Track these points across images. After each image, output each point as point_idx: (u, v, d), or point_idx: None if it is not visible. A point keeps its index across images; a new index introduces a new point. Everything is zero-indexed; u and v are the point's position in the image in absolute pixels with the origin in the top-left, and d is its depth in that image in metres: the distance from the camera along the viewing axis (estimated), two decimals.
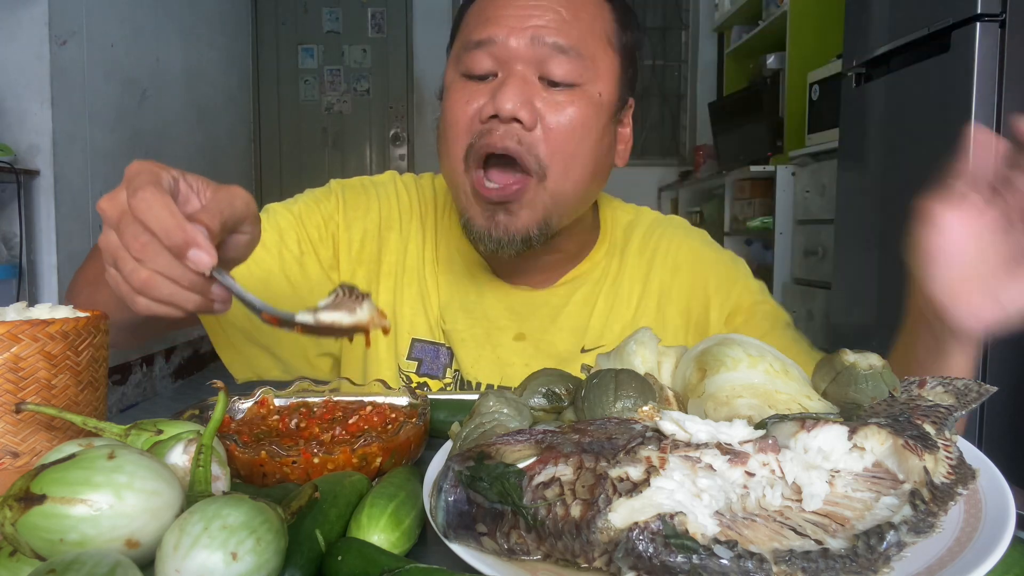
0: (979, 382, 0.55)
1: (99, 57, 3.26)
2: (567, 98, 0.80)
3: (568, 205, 0.84)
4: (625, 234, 1.01)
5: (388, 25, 5.48)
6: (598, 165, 0.85)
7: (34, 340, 0.54)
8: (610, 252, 0.99)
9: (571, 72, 0.80)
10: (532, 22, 0.80)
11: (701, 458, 0.41)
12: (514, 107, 0.78)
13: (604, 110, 0.84)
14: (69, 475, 0.38)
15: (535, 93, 0.80)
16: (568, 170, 0.82)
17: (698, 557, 0.36)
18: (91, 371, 0.59)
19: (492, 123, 0.79)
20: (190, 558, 0.35)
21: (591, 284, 0.97)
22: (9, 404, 0.54)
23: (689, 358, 0.59)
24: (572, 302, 0.96)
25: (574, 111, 0.81)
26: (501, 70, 0.81)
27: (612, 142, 0.88)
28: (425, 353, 0.95)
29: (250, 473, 0.56)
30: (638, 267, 0.99)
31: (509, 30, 0.80)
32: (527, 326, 0.95)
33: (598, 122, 0.83)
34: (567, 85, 0.80)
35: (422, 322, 0.95)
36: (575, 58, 0.80)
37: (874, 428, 0.45)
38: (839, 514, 0.41)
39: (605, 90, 0.83)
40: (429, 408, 0.64)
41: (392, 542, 0.45)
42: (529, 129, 0.79)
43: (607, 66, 0.84)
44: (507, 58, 0.80)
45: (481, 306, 0.95)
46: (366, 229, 0.97)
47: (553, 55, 0.79)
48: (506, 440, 0.45)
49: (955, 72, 1.98)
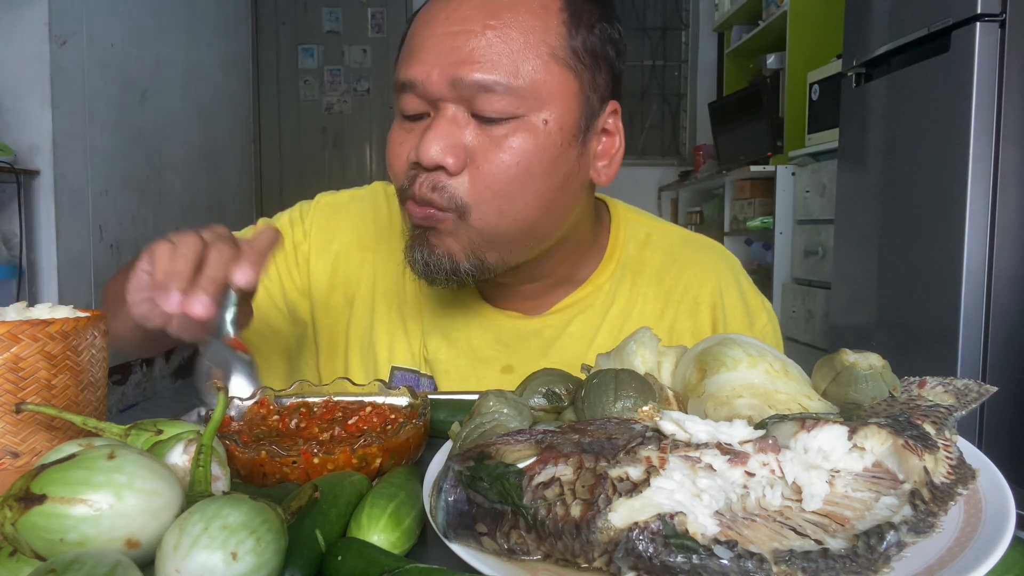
0: (979, 382, 0.55)
1: (99, 57, 3.26)
2: (504, 131, 0.72)
3: (509, 243, 0.76)
4: (638, 254, 0.90)
5: (388, 25, 5.48)
6: (551, 198, 0.75)
7: (34, 340, 0.54)
8: (617, 275, 0.89)
9: (504, 107, 0.71)
10: (451, 57, 0.71)
11: (701, 458, 0.41)
12: (436, 155, 0.71)
13: (553, 137, 0.73)
14: (69, 475, 0.38)
15: (464, 133, 0.72)
16: (501, 208, 0.73)
17: (698, 557, 0.36)
18: (91, 371, 0.59)
19: (417, 170, 0.73)
20: (190, 558, 0.35)
21: (591, 312, 0.87)
22: (9, 404, 0.54)
23: (689, 358, 0.59)
24: (567, 333, 0.87)
25: (509, 144, 0.72)
26: (431, 110, 0.73)
27: (575, 166, 0.76)
28: (405, 382, 0.87)
29: (250, 473, 0.56)
30: (653, 299, 0.88)
31: (428, 70, 0.71)
32: (516, 358, 0.87)
33: (545, 153, 0.73)
34: (502, 120, 0.72)
35: (403, 349, 0.89)
36: (505, 92, 0.70)
37: (874, 428, 0.45)
38: (839, 514, 0.41)
39: (554, 114, 0.73)
40: (429, 408, 0.64)
41: (392, 542, 0.45)
42: (454, 174, 0.72)
43: (553, 87, 0.72)
44: (433, 98, 0.72)
45: (466, 335, 0.87)
46: (336, 252, 0.92)
47: (479, 94, 0.70)
48: (506, 440, 0.45)
49: (955, 72, 1.99)
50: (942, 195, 2.05)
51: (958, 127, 1.97)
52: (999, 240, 1.95)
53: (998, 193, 1.94)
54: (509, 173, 0.72)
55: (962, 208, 1.97)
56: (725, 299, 0.89)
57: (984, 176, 1.94)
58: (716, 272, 0.90)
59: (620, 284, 0.89)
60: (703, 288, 0.89)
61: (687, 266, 0.90)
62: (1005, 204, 1.94)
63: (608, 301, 0.88)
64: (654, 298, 0.89)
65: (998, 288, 1.96)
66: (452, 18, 0.72)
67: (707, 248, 0.94)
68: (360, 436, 0.57)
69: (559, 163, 0.74)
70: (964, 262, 1.97)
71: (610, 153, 0.80)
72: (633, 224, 0.92)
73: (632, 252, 0.90)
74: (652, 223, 0.94)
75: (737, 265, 0.94)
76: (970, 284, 1.98)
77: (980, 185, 1.95)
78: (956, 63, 1.98)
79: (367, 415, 0.64)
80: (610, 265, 0.89)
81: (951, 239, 2.01)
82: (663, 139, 5.57)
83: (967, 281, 1.97)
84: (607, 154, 0.80)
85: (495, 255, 0.76)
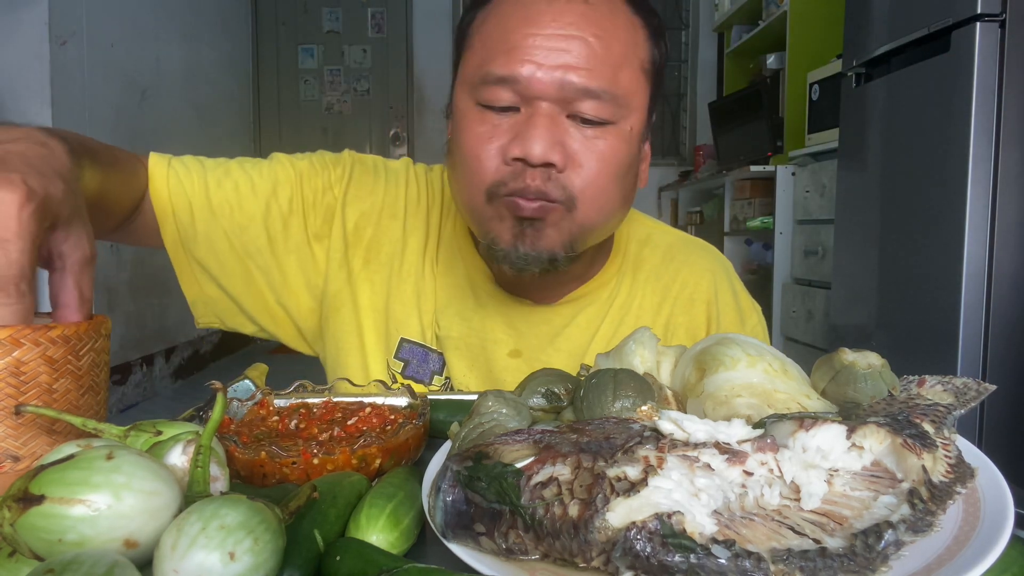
0: (978, 380, 0.55)
1: (99, 57, 3.27)
2: (597, 134, 0.76)
3: (595, 233, 0.81)
4: (638, 251, 0.96)
5: (388, 25, 5.49)
6: (626, 194, 0.82)
7: (36, 344, 0.54)
8: (621, 270, 0.94)
9: (602, 113, 0.75)
10: (560, 59, 0.73)
11: (699, 457, 0.41)
12: (543, 151, 0.73)
13: (634, 142, 0.80)
14: (67, 475, 0.38)
15: (564, 132, 0.75)
16: (598, 204, 0.78)
17: (696, 556, 0.36)
18: (92, 375, 0.59)
19: (517, 166, 0.74)
20: (188, 558, 0.35)
21: (597, 305, 0.92)
22: (10, 408, 0.54)
23: (688, 358, 0.59)
24: (575, 323, 0.91)
25: (606, 148, 0.76)
26: (524, 106, 0.75)
27: (637, 168, 0.84)
28: (413, 355, 0.91)
29: (250, 474, 0.56)
30: (651, 294, 0.94)
31: (535, 67, 0.73)
32: (524, 343, 0.91)
33: (628, 156, 0.79)
34: (598, 123, 0.75)
35: (414, 322, 0.91)
36: (607, 100, 0.75)
37: (873, 427, 0.45)
38: (837, 513, 0.41)
39: (637, 123, 0.79)
40: (428, 409, 0.64)
41: (390, 542, 0.45)
42: (560, 171, 0.75)
43: (640, 97, 0.79)
44: (532, 96, 0.74)
45: (479, 316, 0.91)
46: (363, 211, 0.92)
47: (582, 98, 0.74)
48: (504, 440, 0.45)
49: (955, 72, 1.99)
50: (942, 195, 2.05)
51: (958, 127, 1.97)
52: (999, 240, 1.95)
53: (998, 193, 1.94)
54: (607, 173, 0.77)
55: (962, 208, 1.97)
56: (719, 298, 0.95)
57: (984, 176, 1.94)
58: (712, 272, 0.96)
59: (623, 279, 0.94)
60: (699, 286, 0.94)
61: (684, 264, 0.95)
62: (1005, 204, 1.94)
63: (612, 295, 0.93)
64: (652, 293, 0.94)
65: (998, 288, 1.96)
66: (560, 22, 0.74)
67: (703, 249, 0.99)
68: (360, 437, 0.57)
69: (633, 165, 0.81)
70: (964, 262, 1.97)
71: (646, 158, 0.87)
72: (635, 224, 0.98)
73: (633, 250, 0.96)
74: (652, 224, 1.00)
75: (730, 268, 0.99)
76: (970, 284, 1.98)
77: (980, 185, 1.95)
78: (956, 63, 1.98)
79: (366, 416, 0.64)
80: (616, 261, 0.94)
81: (951, 239, 2.01)
82: (663, 139, 5.57)
83: (967, 281, 1.97)
84: (646, 158, 0.87)
85: (582, 244, 0.81)
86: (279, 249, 0.90)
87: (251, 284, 0.91)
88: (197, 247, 0.88)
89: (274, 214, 0.89)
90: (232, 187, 0.88)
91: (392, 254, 0.93)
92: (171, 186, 0.86)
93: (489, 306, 0.91)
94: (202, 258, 0.88)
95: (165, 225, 0.87)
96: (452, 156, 0.83)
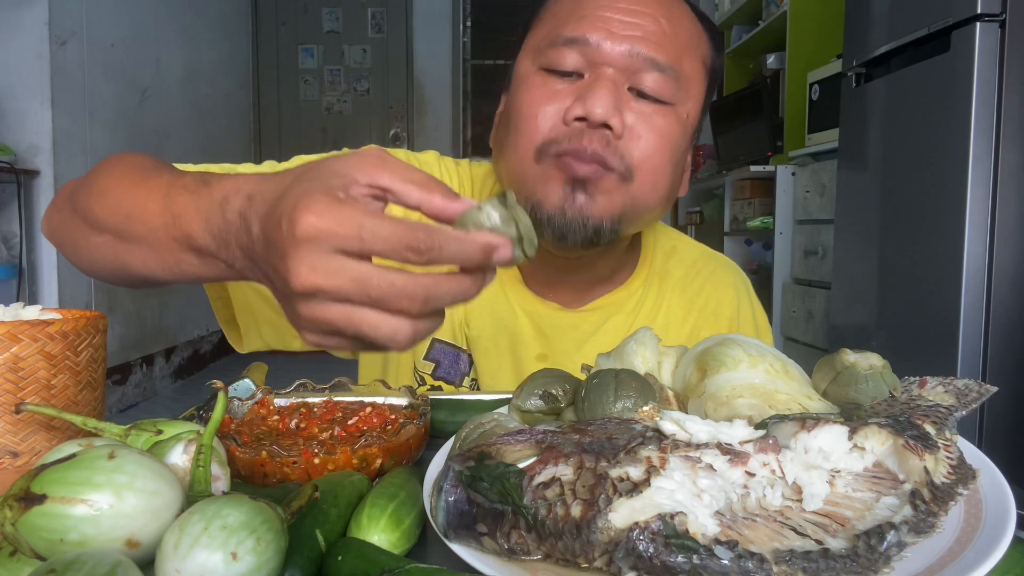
0: (979, 382, 0.55)
1: (99, 57, 3.26)
2: (656, 111, 0.76)
3: (643, 214, 0.80)
4: (664, 263, 0.96)
5: (388, 25, 5.48)
6: (674, 186, 0.81)
7: (34, 340, 0.54)
8: (648, 280, 0.94)
9: (664, 90, 0.75)
10: (632, 30, 0.74)
11: (701, 458, 0.41)
12: (605, 112, 0.72)
13: (688, 133, 0.79)
14: (69, 475, 0.38)
15: (625, 101, 0.75)
16: (654, 181, 0.77)
17: (698, 557, 0.36)
18: (90, 371, 0.59)
19: (578, 125, 0.74)
20: (190, 558, 0.35)
21: (624, 314, 0.92)
22: (9, 404, 0.54)
23: (689, 358, 0.59)
24: (602, 331, 0.91)
25: (664, 126, 0.76)
26: (589, 71, 0.75)
27: (685, 165, 0.83)
28: (445, 356, 0.90)
29: (251, 473, 0.56)
30: (677, 304, 0.94)
31: (607, 33, 0.74)
32: (551, 348, 0.90)
33: (682, 143, 0.79)
34: (657, 101, 0.76)
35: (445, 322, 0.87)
36: (670, 76, 0.75)
37: (874, 428, 0.45)
38: (839, 514, 0.41)
39: (692, 112, 0.79)
40: (429, 409, 0.64)
41: (392, 542, 0.45)
42: (618, 137, 0.74)
43: (698, 88, 0.80)
44: (598, 61, 0.75)
45: (511, 316, 0.89)
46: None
47: (647, 69, 0.74)
48: (506, 440, 0.45)
49: (955, 72, 1.98)
50: (942, 195, 2.05)
51: (958, 127, 1.97)
52: (999, 240, 1.95)
53: (998, 193, 1.93)
54: (664, 151, 0.77)
55: (962, 208, 1.96)
56: (741, 314, 0.96)
57: (984, 176, 1.94)
58: (735, 287, 0.97)
59: (649, 289, 0.94)
60: (723, 301, 0.95)
61: (709, 279, 0.96)
62: (1005, 204, 1.94)
63: (639, 304, 0.93)
64: (678, 305, 0.94)
65: (998, 288, 1.96)
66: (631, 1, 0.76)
67: (726, 265, 1.01)
68: (360, 436, 0.57)
69: (684, 156, 0.81)
70: (964, 262, 1.97)
71: (689, 167, 0.86)
72: (660, 235, 0.98)
73: (660, 261, 0.96)
74: (677, 236, 1.01)
75: (749, 284, 1.01)
76: (970, 284, 1.97)
77: (980, 185, 1.94)
78: (956, 63, 1.98)
79: (367, 415, 0.64)
80: (643, 271, 0.94)
81: (951, 239, 2.01)
82: None
83: (967, 281, 1.97)
84: (688, 167, 0.86)
85: (628, 223, 0.79)
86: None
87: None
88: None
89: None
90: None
91: None
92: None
93: (519, 307, 0.90)
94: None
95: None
96: (503, 127, 0.81)
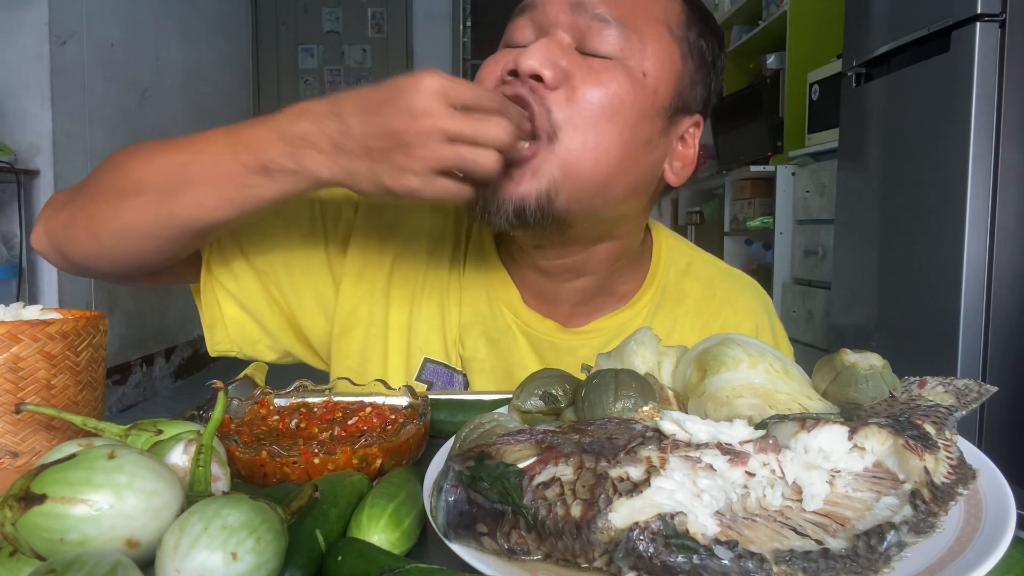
0: (979, 382, 0.55)
1: (99, 57, 3.27)
2: (602, 66, 0.72)
3: (579, 186, 0.71)
4: (678, 281, 0.90)
5: (388, 25, 5.49)
6: (630, 153, 0.74)
7: (34, 340, 0.54)
8: (657, 299, 0.89)
9: (612, 46, 0.72)
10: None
11: (701, 458, 0.41)
12: (536, 64, 0.70)
13: (648, 92, 0.73)
14: (69, 475, 0.38)
15: (565, 55, 0.72)
16: (586, 139, 0.70)
17: (698, 557, 0.36)
18: (90, 371, 0.59)
19: (511, 80, 0.72)
20: (190, 558, 0.35)
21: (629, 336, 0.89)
22: (9, 404, 0.54)
23: (689, 358, 0.59)
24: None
25: (607, 78, 0.71)
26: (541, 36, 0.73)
27: (656, 141, 0.76)
28: (438, 376, 0.86)
29: (251, 473, 0.56)
30: (690, 331, 0.88)
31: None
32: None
33: (636, 101, 0.73)
34: (605, 57, 0.72)
35: (437, 341, 0.86)
36: (617, 30, 0.72)
37: (874, 428, 0.45)
38: (839, 514, 0.41)
39: (652, 71, 0.73)
40: (429, 408, 0.64)
41: (392, 542, 0.45)
42: (551, 88, 0.70)
43: (659, 49, 0.74)
44: (547, 24, 0.73)
45: (506, 338, 0.86)
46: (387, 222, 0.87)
47: (594, 25, 0.72)
48: (506, 440, 0.45)
49: (955, 72, 1.99)
50: (942, 195, 2.05)
51: (958, 127, 1.97)
52: (999, 240, 1.95)
53: (998, 193, 1.94)
54: (601, 102, 0.71)
55: (962, 208, 1.96)
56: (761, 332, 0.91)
57: (984, 176, 1.94)
58: (754, 312, 0.92)
59: (659, 309, 0.89)
60: (740, 327, 0.90)
61: (726, 302, 0.91)
62: (1005, 204, 1.94)
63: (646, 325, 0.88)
64: (690, 329, 0.89)
65: (998, 288, 1.96)
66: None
67: (744, 285, 0.95)
68: (360, 436, 0.57)
69: (644, 122, 0.74)
70: (964, 262, 1.97)
71: (685, 159, 0.81)
72: (674, 250, 0.93)
73: (673, 279, 0.91)
74: (692, 251, 0.95)
75: (771, 305, 0.96)
76: (970, 284, 1.97)
77: (980, 185, 1.94)
78: (956, 63, 1.98)
79: (367, 415, 0.64)
80: (651, 289, 0.89)
81: (951, 239, 2.01)
82: None
83: (967, 281, 1.97)
84: (682, 158, 0.81)
85: (565, 197, 0.71)
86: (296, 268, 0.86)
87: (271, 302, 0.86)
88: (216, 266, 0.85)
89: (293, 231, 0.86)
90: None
91: (416, 267, 0.87)
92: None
93: (515, 328, 0.86)
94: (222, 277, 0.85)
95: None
96: None
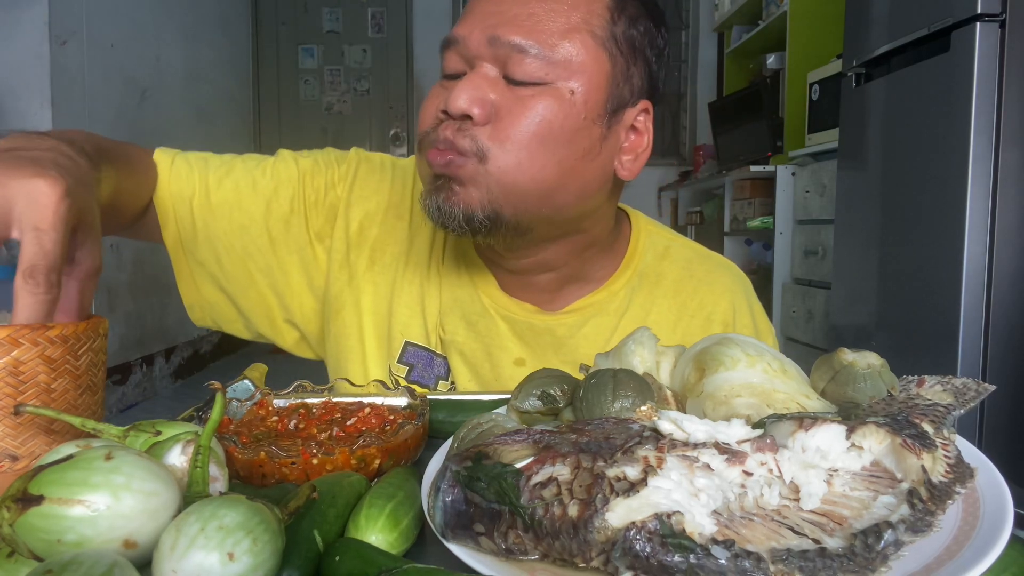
0: (978, 381, 0.55)
1: (99, 57, 3.27)
2: (531, 93, 0.74)
3: (526, 200, 0.75)
4: (656, 264, 0.92)
5: (388, 25, 5.49)
6: (569, 167, 0.76)
7: (34, 344, 0.54)
8: (633, 282, 0.91)
9: (534, 71, 0.73)
10: (492, 19, 0.74)
11: (699, 457, 0.41)
12: (464, 103, 0.72)
13: (578, 108, 0.75)
14: (67, 476, 0.38)
15: (496, 90, 0.74)
16: (519, 161, 0.74)
17: (695, 556, 0.36)
18: (90, 375, 0.59)
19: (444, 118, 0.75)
20: (187, 558, 0.35)
21: (605, 316, 0.89)
22: (9, 408, 0.54)
23: (687, 358, 0.59)
24: (580, 334, 0.88)
25: (535, 104, 0.74)
26: (469, 69, 0.76)
27: (597, 147, 0.78)
28: (418, 359, 0.89)
29: (249, 474, 0.56)
30: (667, 311, 0.91)
31: (470, 27, 0.75)
32: (528, 352, 0.89)
33: (567, 120, 0.75)
34: (531, 84, 0.74)
35: (417, 324, 0.90)
36: (536, 56, 0.73)
37: (872, 427, 0.45)
38: (837, 513, 0.41)
39: (582, 87, 0.75)
40: (428, 409, 0.64)
41: (390, 542, 0.45)
42: (479, 124, 0.74)
43: (586, 62, 0.75)
44: (471, 56, 0.75)
45: (485, 320, 0.88)
46: (368, 211, 0.91)
47: (513, 56, 0.73)
48: (504, 440, 0.45)
49: (955, 72, 1.99)
50: (942, 195, 2.05)
51: (958, 127, 1.97)
52: (999, 240, 1.95)
53: (998, 193, 1.94)
54: (530, 129, 0.74)
55: (962, 208, 1.97)
56: (737, 319, 0.93)
57: (984, 176, 1.94)
58: (731, 292, 0.93)
59: (636, 291, 0.91)
60: (717, 306, 0.92)
61: (703, 282, 0.93)
62: (1005, 204, 1.94)
63: (623, 307, 0.90)
64: (668, 310, 0.91)
65: (998, 288, 1.96)
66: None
67: (723, 267, 0.96)
68: (359, 437, 0.57)
69: (580, 136, 0.76)
70: (964, 262, 1.97)
71: (636, 150, 0.82)
72: (653, 236, 0.95)
73: (650, 262, 0.93)
74: (671, 236, 0.97)
75: (749, 287, 0.97)
76: (970, 284, 1.98)
77: (980, 185, 1.95)
78: (956, 63, 1.98)
79: (366, 416, 0.64)
80: (627, 272, 0.91)
81: (951, 239, 2.01)
82: (663, 139, 5.57)
83: (967, 281, 1.97)
84: (633, 150, 0.82)
85: (511, 209, 0.75)
86: (281, 250, 0.89)
87: (252, 286, 0.90)
88: (197, 247, 0.88)
89: (275, 214, 0.89)
90: (232, 186, 0.88)
91: (397, 255, 0.91)
92: (172, 184, 0.86)
93: (494, 311, 0.89)
94: (203, 258, 0.88)
95: (166, 224, 0.87)
96: None
